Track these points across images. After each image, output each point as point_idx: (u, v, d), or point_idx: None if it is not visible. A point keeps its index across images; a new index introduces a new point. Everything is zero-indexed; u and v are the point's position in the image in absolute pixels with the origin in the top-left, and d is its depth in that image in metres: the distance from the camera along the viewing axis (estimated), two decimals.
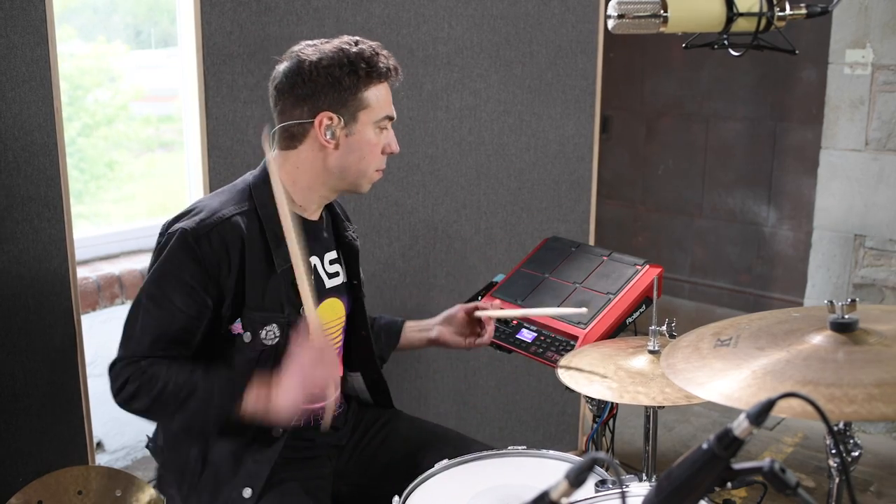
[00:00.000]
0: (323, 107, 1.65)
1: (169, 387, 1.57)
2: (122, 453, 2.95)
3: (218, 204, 1.67)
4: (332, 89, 1.64)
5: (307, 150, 1.69)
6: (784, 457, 3.25)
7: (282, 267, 1.65)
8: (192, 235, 1.60)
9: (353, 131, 1.68)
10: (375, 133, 1.70)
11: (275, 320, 1.65)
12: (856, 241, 3.53)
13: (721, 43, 1.90)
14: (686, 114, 4.27)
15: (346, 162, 1.69)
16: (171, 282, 1.60)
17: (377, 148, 1.71)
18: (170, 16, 3.12)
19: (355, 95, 1.65)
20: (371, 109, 1.67)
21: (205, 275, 1.60)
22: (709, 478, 0.95)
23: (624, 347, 1.82)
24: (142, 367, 1.59)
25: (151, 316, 1.61)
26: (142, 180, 3.24)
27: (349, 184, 1.74)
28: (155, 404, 1.59)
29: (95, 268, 2.85)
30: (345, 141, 1.68)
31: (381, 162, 1.74)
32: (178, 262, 1.61)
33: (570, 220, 2.97)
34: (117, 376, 1.63)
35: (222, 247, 1.61)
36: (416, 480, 1.62)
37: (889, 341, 1.29)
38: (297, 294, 1.64)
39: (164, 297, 1.60)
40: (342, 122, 1.66)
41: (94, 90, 3.07)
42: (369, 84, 1.66)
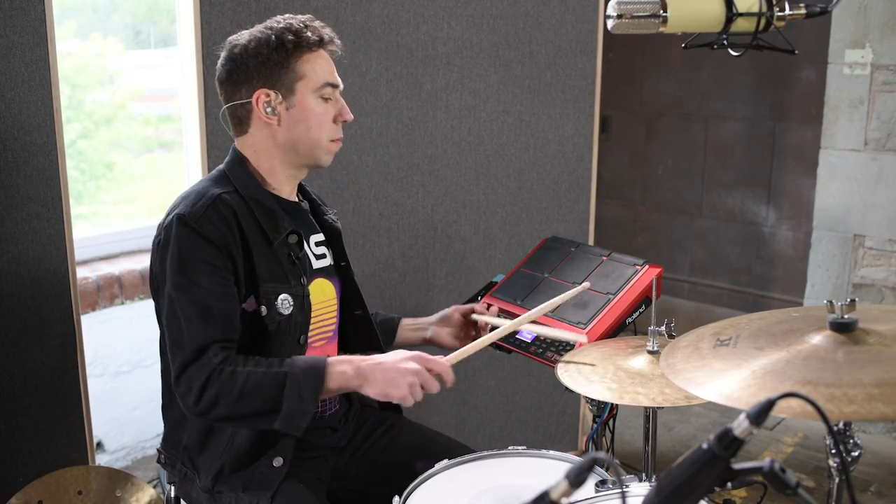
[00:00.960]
0: (258, 85, 1.68)
1: (249, 384, 1.54)
2: (122, 453, 2.96)
3: (203, 187, 1.69)
4: (263, 66, 1.67)
5: (257, 132, 1.72)
6: (784, 457, 3.26)
7: (276, 239, 1.68)
8: (192, 218, 1.61)
9: (294, 103, 1.69)
10: (318, 102, 1.70)
11: (286, 290, 1.68)
12: (855, 241, 3.53)
13: (720, 43, 1.90)
14: (685, 114, 4.27)
15: (294, 135, 1.71)
16: (190, 266, 1.60)
17: (324, 117, 1.71)
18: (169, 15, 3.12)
19: (288, 68, 1.67)
20: (308, 79, 1.69)
21: (217, 251, 1.61)
22: (709, 478, 0.95)
23: (623, 347, 1.82)
24: (216, 366, 1.55)
25: (188, 304, 1.59)
26: (141, 180, 3.24)
27: (306, 157, 1.74)
28: (238, 404, 1.55)
29: (95, 268, 2.85)
30: (287, 114, 1.70)
31: (334, 131, 1.74)
32: (189, 246, 1.60)
33: (569, 220, 2.97)
34: (191, 383, 1.56)
35: (222, 222, 1.62)
36: (416, 480, 1.62)
37: (889, 341, 1.29)
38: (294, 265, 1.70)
39: (190, 282, 1.59)
40: (280, 97, 1.68)
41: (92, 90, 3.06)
42: (301, 54, 1.68)
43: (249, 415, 1.57)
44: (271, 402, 1.55)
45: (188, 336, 1.58)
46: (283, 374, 1.56)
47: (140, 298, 2.89)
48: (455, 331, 2.01)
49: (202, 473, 1.71)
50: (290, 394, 1.55)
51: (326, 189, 2.38)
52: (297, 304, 1.69)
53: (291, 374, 1.56)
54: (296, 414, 1.56)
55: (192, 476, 1.74)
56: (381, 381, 1.58)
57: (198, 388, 1.55)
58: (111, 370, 2.89)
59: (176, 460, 1.77)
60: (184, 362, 1.57)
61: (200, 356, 1.56)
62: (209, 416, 1.57)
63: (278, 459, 1.68)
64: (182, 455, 1.75)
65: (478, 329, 2.00)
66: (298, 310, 1.70)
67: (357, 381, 1.59)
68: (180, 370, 1.58)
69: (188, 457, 1.74)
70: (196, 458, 1.73)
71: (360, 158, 2.49)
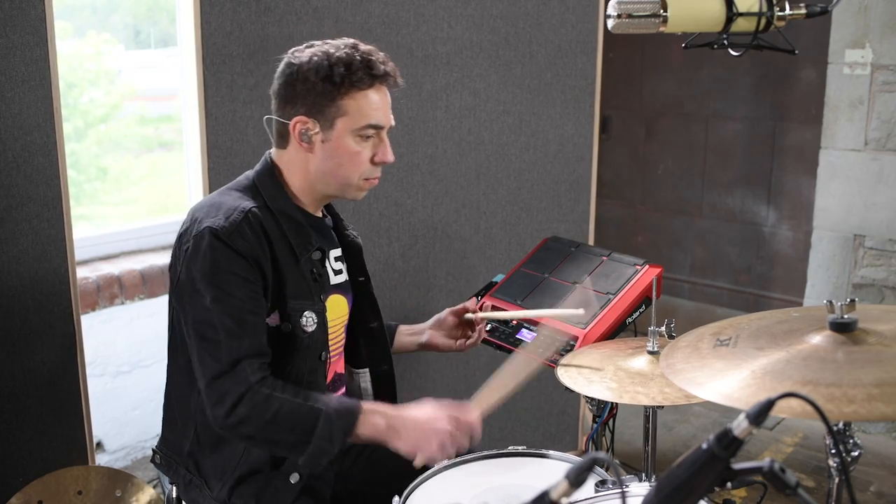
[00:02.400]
0: (300, 111, 1.65)
1: (283, 412, 1.54)
2: (122, 453, 2.95)
3: (233, 200, 1.66)
4: (309, 94, 1.63)
5: (293, 151, 1.70)
6: (784, 457, 3.26)
7: (303, 256, 1.67)
8: (224, 232, 1.58)
9: (330, 138, 1.65)
10: (356, 141, 1.66)
11: (311, 308, 1.67)
12: (855, 241, 3.53)
13: (721, 43, 1.90)
14: (686, 114, 4.27)
15: (326, 168, 1.68)
16: (225, 278, 1.58)
17: (358, 157, 1.67)
18: (169, 15, 3.12)
19: (332, 102, 1.63)
20: (349, 117, 1.64)
21: (249, 266, 1.59)
22: (709, 478, 0.95)
23: (623, 348, 1.82)
24: (252, 385, 1.54)
25: (225, 315, 1.56)
26: (141, 180, 3.24)
27: (335, 190, 1.72)
28: (269, 428, 1.54)
29: (95, 268, 2.85)
30: (321, 147, 1.66)
31: (368, 171, 1.70)
32: (223, 260, 1.58)
33: (569, 220, 2.97)
34: (224, 396, 1.54)
35: (255, 237, 1.60)
36: (416, 480, 1.62)
37: (888, 341, 1.29)
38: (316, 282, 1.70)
39: (226, 294, 1.57)
40: (318, 127, 1.65)
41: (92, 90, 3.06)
42: (348, 91, 1.63)
43: (275, 441, 1.57)
44: (301, 435, 1.55)
45: (225, 346, 1.56)
46: (319, 412, 1.55)
47: (140, 298, 2.89)
48: (450, 332, 2.00)
49: (213, 483, 1.69)
50: (322, 433, 1.54)
51: None
52: (319, 322, 1.69)
53: (326, 414, 1.55)
54: (322, 453, 1.56)
55: (198, 483, 1.72)
56: (412, 438, 1.58)
57: (231, 402, 1.53)
58: (111, 370, 2.89)
59: (177, 464, 1.76)
60: (218, 372, 1.55)
61: (235, 368, 1.55)
62: (235, 431, 1.56)
63: (295, 476, 1.67)
64: (186, 460, 1.74)
65: (472, 328, 2.00)
66: (320, 327, 1.69)
67: (388, 434, 1.59)
68: (213, 378, 1.56)
69: (193, 462, 1.73)
70: (203, 465, 1.71)
71: None
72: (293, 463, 1.66)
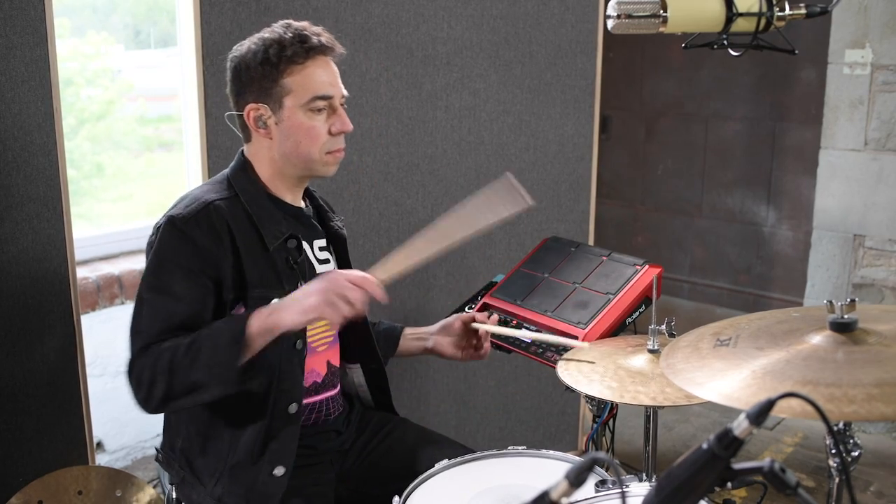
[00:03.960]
0: (249, 99, 1.68)
1: (177, 357, 1.54)
2: (122, 453, 2.95)
3: (199, 192, 1.71)
4: (253, 81, 1.67)
5: (256, 141, 1.73)
6: (784, 457, 3.26)
7: (273, 244, 1.68)
8: (181, 220, 1.62)
9: (282, 118, 1.68)
10: (308, 116, 1.67)
11: (276, 296, 1.66)
12: (855, 241, 3.53)
13: (720, 43, 1.90)
14: (685, 114, 4.27)
15: (286, 149, 1.70)
16: (168, 269, 1.61)
17: (313, 131, 1.68)
18: (169, 15, 3.12)
19: (275, 82, 1.66)
20: (294, 94, 1.66)
21: (200, 257, 1.61)
22: (709, 478, 0.95)
23: (623, 347, 1.82)
24: (149, 354, 1.56)
25: (154, 307, 1.60)
26: (141, 180, 3.24)
27: (302, 169, 1.73)
28: (172, 378, 1.54)
29: (95, 268, 2.85)
30: (276, 129, 1.69)
31: (329, 144, 1.71)
32: (172, 249, 1.62)
33: (569, 220, 2.97)
34: (133, 375, 1.58)
35: (211, 229, 1.62)
36: (416, 480, 1.62)
37: (888, 341, 1.29)
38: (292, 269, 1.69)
39: (163, 285, 1.60)
40: (269, 111, 1.68)
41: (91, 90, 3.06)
42: (287, 68, 1.66)
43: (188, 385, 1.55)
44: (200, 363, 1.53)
45: (142, 336, 1.59)
46: (199, 334, 1.55)
47: None
48: (456, 340, 1.99)
49: (205, 479, 1.70)
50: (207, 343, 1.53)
51: (326, 189, 2.38)
52: None
53: (209, 332, 1.55)
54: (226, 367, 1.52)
55: (191, 480, 1.73)
56: (294, 305, 1.55)
57: (136, 376, 1.57)
58: (111, 370, 2.89)
59: (173, 461, 1.77)
60: (131, 358, 1.59)
61: (146, 352, 1.57)
62: (153, 400, 1.56)
63: (279, 468, 1.66)
64: (179, 458, 1.75)
65: (478, 338, 1.99)
66: None
67: (272, 316, 1.54)
68: (129, 368, 1.59)
69: (185, 460, 1.73)
70: (194, 463, 1.72)
71: (360, 158, 2.49)
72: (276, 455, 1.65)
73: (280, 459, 1.67)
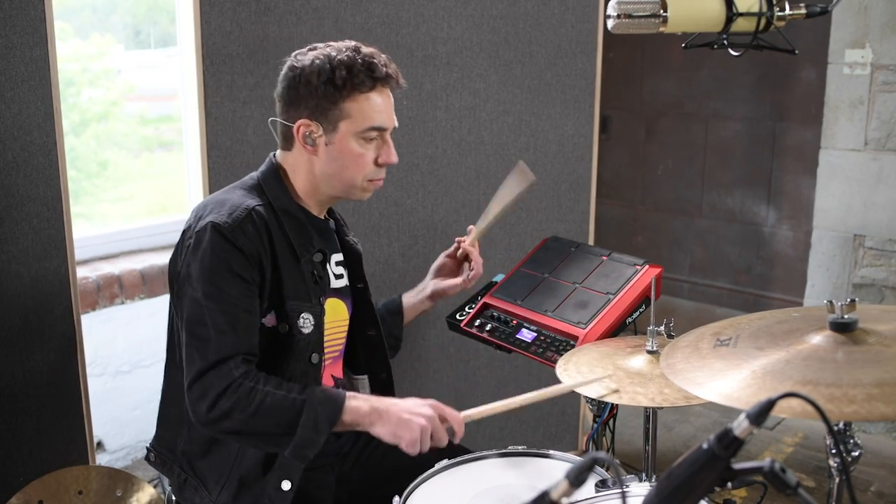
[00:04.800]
0: (303, 114, 1.66)
1: (266, 404, 1.52)
2: (122, 453, 2.96)
3: (237, 198, 1.67)
4: (312, 98, 1.64)
5: (297, 153, 1.71)
6: (784, 457, 3.26)
7: (304, 257, 1.68)
8: (228, 228, 1.59)
9: (333, 140, 1.66)
10: (359, 144, 1.67)
11: (308, 309, 1.67)
12: (855, 241, 3.53)
13: (720, 43, 1.90)
14: (685, 114, 4.27)
15: (330, 170, 1.69)
16: (222, 275, 1.58)
17: (362, 159, 1.68)
18: (169, 15, 3.12)
19: (335, 105, 1.64)
20: (352, 120, 1.65)
21: (249, 264, 1.59)
22: (709, 478, 0.95)
23: (623, 347, 1.82)
24: (236, 379, 1.53)
25: (218, 313, 1.56)
26: (141, 180, 3.24)
27: (341, 192, 1.73)
28: (253, 421, 1.53)
29: (95, 268, 2.85)
30: (325, 149, 1.67)
31: (373, 172, 1.71)
32: (223, 256, 1.58)
33: (569, 220, 2.97)
34: (206, 390, 1.53)
35: (257, 235, 1.61)
36: (416, 480, 1.62)
37: (889, 341, 1.29)
38: (317, 284, 1.70)
39: (221, 291, 1.57)
40: (321, 131, 1.66)
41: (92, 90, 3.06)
42: (350, 94, 1.64)
43: (261, 434, 1.55)
44: (286, 426, 1.54)
45: (214, 344, 1.55)
46: (302, 402, 1.54)
47: (140, 298, 2.89)
48: (451, 273, 2.07)
49: (210, 484, 1.69)
50: (307, 422, 1.53)
51: None
52: (316, 324, 1.69)
53: (310, 403, 1.55)
54: (308, 443, 1.54)
55: (194, 483, 1.72)
56: (393, 422, 1.57)
57: (213, 396, 1.52)
58: (111, 370, 2.89)
59: (171, 463, 1.76)
60: (203, 369, 1.55)
61: (221, 365, 1.54)
62: (218, 426, 1.54)
63: (286, 483, 1.64)
64: (180, 459, 1.74)
65: (469, 260, 2.05)
66: (316, 329, 1.69)
67: (370, 418, 1.58)
68: (197, 376, 1.55)
69: (188, 462, 1.72)
70: (198, 465, 1.71)
71: None
72: (283, 469, 1.63)
73: (288, 474, 1.64)
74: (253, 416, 1.52)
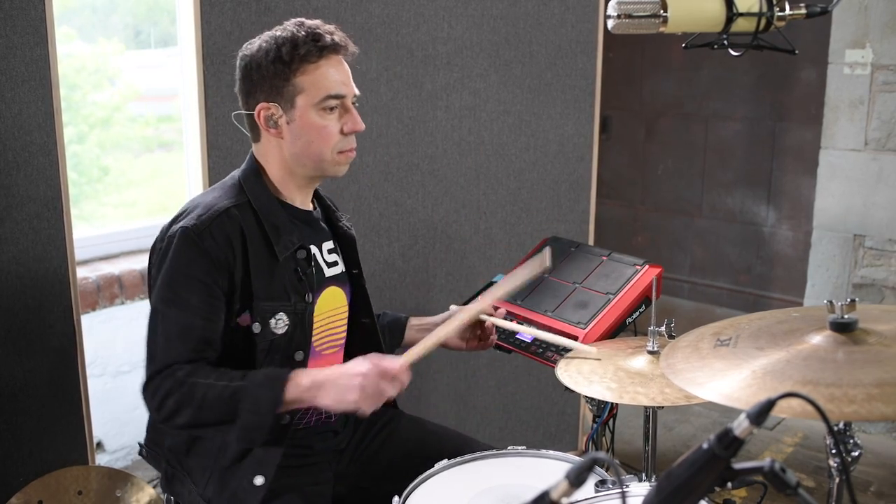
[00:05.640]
0: (260, 98, 1.66)
1: (209, 396, 1.54)
2: (122, 453, 2.96)
3: (211, 199, 1.68)
4: (265, 80, 1.65)
5: (266, 142, 1.71)
6: (784, 457, 3.26)
7: (283, 255, 1.66)
8: (194, 231, 1.60)
9: (294, 117, 1.66)
10: (320, 115, 1.65)
11: (283, 309, 1.66)
12: (855, 241, 3.53)
13: (721, 43, 1.90)
14: (685, 114, 4.27)
15: (296, 149, 1.68)
16: (183, 282, 1.59)
17: (325, 130, 1.66)
18: (169, 15, 3.12)
19: (288, 81, 1.64)
20: (307, 93, 1.64)
21: (214, 269, 1.60)
22: (709, 478, 0.95)
23: (623, 348, 1.82)
24: (179, 379, 1.55)
25: (172, 320, 1.59)
26: (141, 180, 3.24)
27: (313, 169, 1.71)
28: (199, 415, 1.55)
29: (95, 268, 2.85)
30: (288, 129, 1.67)
31: (341, 143, 1.69)
32: (186, 261, 1.60)
33: (569, 220, 2.97)
34: (155, 392, 1.57)
35: (225, 238, 1.61)
36: (416, 480, 1.62)
37: (889, 341, 1.29)
38: (300, 281, 1.67)
39: (179, 298, 1.59)
40: (280, 111, 1.66)
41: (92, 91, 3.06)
42: (299, 67, 1.64)
43: (212, 424, 1.57)
44: (231, 414, 1.54)
45: (162, 351, 1.58)
46: (239, 388, 1.55)
47: (140, 298, 2.89)
48: (461, 332, 1.95)
49: (196, 477, 1.70)
50: (247, 406, 1.53)
51: (327, 189, 2.38)
52: (294, 322, 1.67)
53: (250, 387, 1.54)
54: (252, 426, 1.54)
55: (181, 476, 1.73)
56: (332, 389, 1.54)
57: (160, 398, 1.56)
58: (111, 370, 2.89)
59: (160, 458, 1.77)
60: (151, 374, 1.58)
61: (166, 370, 1.57)
62: (171, 424, 1.58)
63: (259, 478, 1.64)
64: (168, 455, 1.75)
65: (483, 329, 1.96)
66: (296, 328, 1.67)
67: (311, 391, 1.55)
68: (147, 380, 1.59)
69: (175, 458, 1.74)
70: (184, 460, 1.72)
71: (360, 158, 2.49)
72: (257, 464, 1.64)
73: (261, 469, 1.64)
74: (199, 409, 1.54)
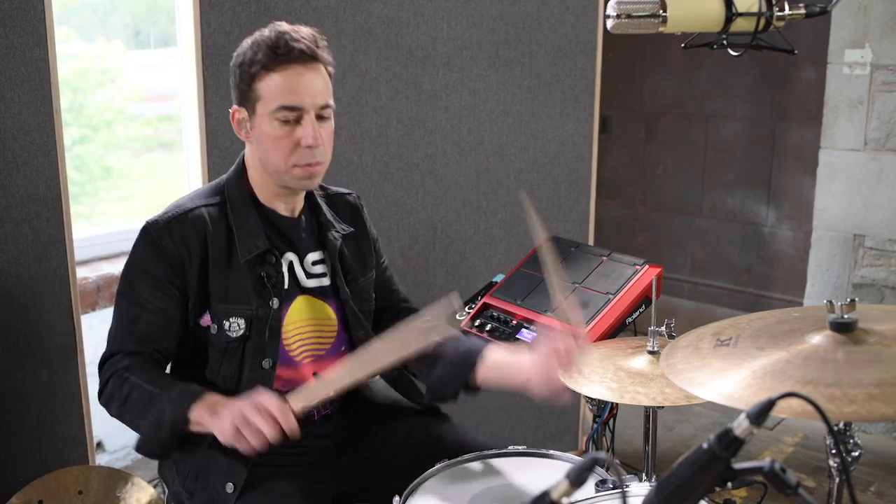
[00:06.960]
0: (234, 101, 1.67)
1: (132, 396, 1.58)
2: (122, 453, 2.95)
3: (186, 199, 1.70)
4: (236, 83, 1.65)
5: (248, 145, 1.71)
6: (784, 457, 3.26)
7: (244, 258, 1.63)
8: (154, 228, 1.63)
9: (255, 124, 1.63)
10: (273, 126, 1.59)
11: (239, 313, 1.63)
12: (855, 241, 3.53)
13: (720, 43, 1.90)
14: (685, 113, 4.27)
15: (260, 156, 1.66)
16: (137, 275, 1.63)
17: (279, 142, 1.60)
18: (169, 15, 3.12)
19: (249, 87, 1.61)
20: (264, 101, 1.60)
21: (168, 267, 1.61)
22: (709, 478, 0.95)
23: (623, 348, 1.82)
24: (118, 370, 1.61)
25: (123, 310, 1.65)
26: (141, 180, 3.24)
27: (276, 179, 1.66)
28: (123, 411, 1.61)
29: (95, 268, 2.85)
30: (251, 135, 1.66)
31: (296, 157, 1.61)
32: (141, 255, 1.64)
33: (569, 220, 2.97)
34: (101, 376, 1.65)
35: (182, 239, 1.62)
36: (417, 480, 1.62)
37: (889, 341, 1.29)
38: (264, 286, 1.65)
39: (132, 290, 1.63)
40: (246, 115, 1.64)
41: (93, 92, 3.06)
42: (258, 73, 1.60)
43: (133, 424, 1.61)
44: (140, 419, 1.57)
45: (112, 338, 1.66)
46: (156, 396, 1.55)
47: None
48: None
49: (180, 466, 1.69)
50: (150, 418, 1.54)
51: None
52: (254, 327, 1.63)
53: (161, 400, 1.54)
54: (149, 439, 1.56)
55: (169, 464, 1.73)
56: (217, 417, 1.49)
57: (101, 384, 1.63)
58: None
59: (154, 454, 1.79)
60: (102, 358, 1.65)
61: (112, 357, 1.63)
62: (108, 411, 1.64)
63: (230, 485, 1.61)
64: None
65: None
66: (256, 333, 1.64)
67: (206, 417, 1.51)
68: (100, 364, 1.65)
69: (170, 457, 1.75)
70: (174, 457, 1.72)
71: (360, 158, 2.49)
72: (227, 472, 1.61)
73: (231, 476, 1.62)
74: (122, 406, 1.59)
